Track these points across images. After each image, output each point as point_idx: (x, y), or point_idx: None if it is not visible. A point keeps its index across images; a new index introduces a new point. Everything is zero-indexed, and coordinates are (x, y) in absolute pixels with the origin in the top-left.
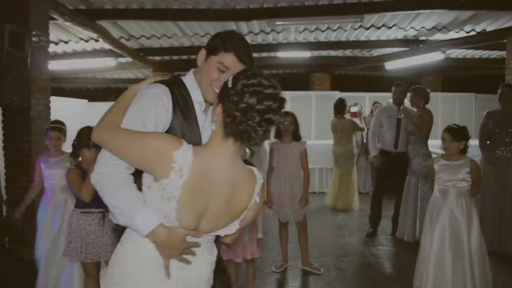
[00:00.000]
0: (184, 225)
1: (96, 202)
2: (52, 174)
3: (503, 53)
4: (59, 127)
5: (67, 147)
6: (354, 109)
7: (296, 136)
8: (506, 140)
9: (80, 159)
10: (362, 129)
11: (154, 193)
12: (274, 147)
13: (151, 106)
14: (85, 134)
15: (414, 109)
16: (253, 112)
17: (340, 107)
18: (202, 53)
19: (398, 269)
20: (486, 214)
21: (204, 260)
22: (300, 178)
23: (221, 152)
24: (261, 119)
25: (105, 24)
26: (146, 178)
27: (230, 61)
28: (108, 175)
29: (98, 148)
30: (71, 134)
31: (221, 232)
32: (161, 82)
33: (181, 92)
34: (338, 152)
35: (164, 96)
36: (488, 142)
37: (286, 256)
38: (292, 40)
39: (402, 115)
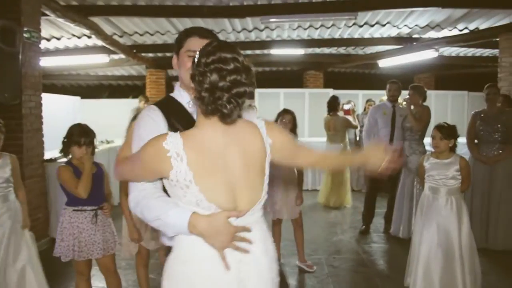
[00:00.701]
0: (221, 205)
1: (89, 200)
2: None
3: (495, 51)
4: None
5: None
6: (347, 107)
7: (293, 134)
8: (493, 139)
9: (70, 156)
10: (355, 127)
11: (175, 190)
12: None
13: (144, 124)
14: (75, 132)
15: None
16: (219, 90)
17: (333, 104)
18: (174, 58)
19: (390, 267)
20: (475, 211)
21: (261, 251)
22: (294, 176)
23: (208, 127)
24: (229, 96)
25: (97, 20)
26: (165, 184)
27: (196, 43)
28: (137, 196)
29: (88, 146)
30: (63, 131)
31: (262, 199)
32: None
33: (171, 104)
34: None
35: (153, 113)
36: (476, 141)
37: (279, 254)
38: (285, 38)
39: (405, 103)
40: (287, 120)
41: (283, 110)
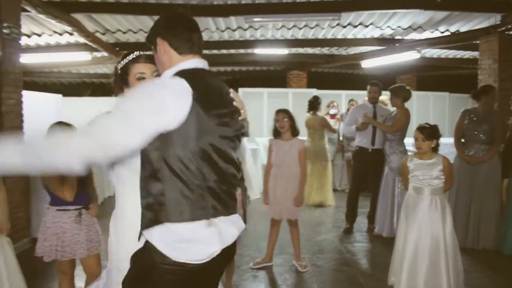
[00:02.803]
0: None
1: (73, 199)
2: None
3: (476, 54)
4: None
5: None
6: (333, 111)
7: (295, 131)
8: (479, 138)
9: None
10: (333, 131)
11: None
12: (273, 143)
13: None
14: (56, 130)
15: (389, 108)
16: None
17: (313, 104)
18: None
19: (374, 265)
20: (459, 210)
21: None
22: (296, 176)
23: None
24: None
25: (79, 17)
26: None
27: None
28: None
29: None
30: (45, 129)
31: None
32: None
33: None
34: (309, 148)
35: None
36: (462, 140)
37: (271, 255)
38: (269, 37)
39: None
40: (281, 118)
41: (276, 110)
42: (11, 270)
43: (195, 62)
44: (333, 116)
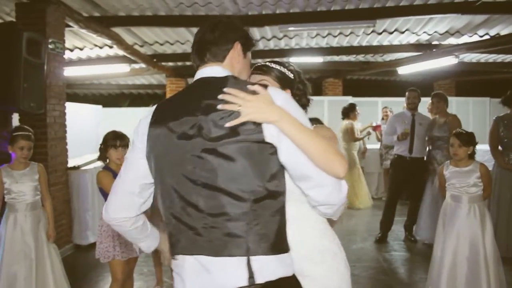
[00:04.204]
0: None
1: None
2: (21, 190)
3: None
4: (30, 135)
5: (73, 152)
6: (378, 123)
7: None
8: None
9: (108, 161)
10: (354, 139)
11: None
12: None
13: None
14: (110, 136)
15: (429, 116)
16: None
17: (344, 111)
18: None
19: (411, 275)
20: (501, 220)
21: None
22: None
23: None
24: None
25: (119, 30)
26: None
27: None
28: None
29: (124, 148)
30: (85, 139)
31: None
32: None
33: None
34: None
35: None
36: (500, 147)
37: None
38: (304, 46)
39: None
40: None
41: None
42: (57, 275)
43: None
44: (376, 128)
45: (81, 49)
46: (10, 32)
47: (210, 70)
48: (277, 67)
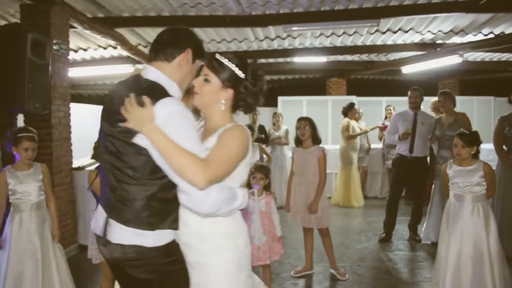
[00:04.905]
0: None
1: None
2: (26, 190)
3: None
4: (34, 136)
5: (78, 153)
6: (386, 123)
7: (316, 140)
8: None
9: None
10: (349, 136)
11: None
12: (294, 151)
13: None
14: None
15: (433, 115)
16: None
17: (344, 109)
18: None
19: (415, 274)
20: (505, 219)
21: None
22: (316, 184)
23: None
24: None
25: (123, 31)
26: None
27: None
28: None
29: None
30: (90, 140)
31: None
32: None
33: None
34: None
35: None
36: (504, 147)
37: (311, 263)
38: (308, 45)
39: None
40: (303, 126)
41: (298, 118)
42: (62, 275)
43: None
44: (384, 129)
45: (85, 50)
46: (14, 33)
47: (152, 72)
48: (229, 65)
